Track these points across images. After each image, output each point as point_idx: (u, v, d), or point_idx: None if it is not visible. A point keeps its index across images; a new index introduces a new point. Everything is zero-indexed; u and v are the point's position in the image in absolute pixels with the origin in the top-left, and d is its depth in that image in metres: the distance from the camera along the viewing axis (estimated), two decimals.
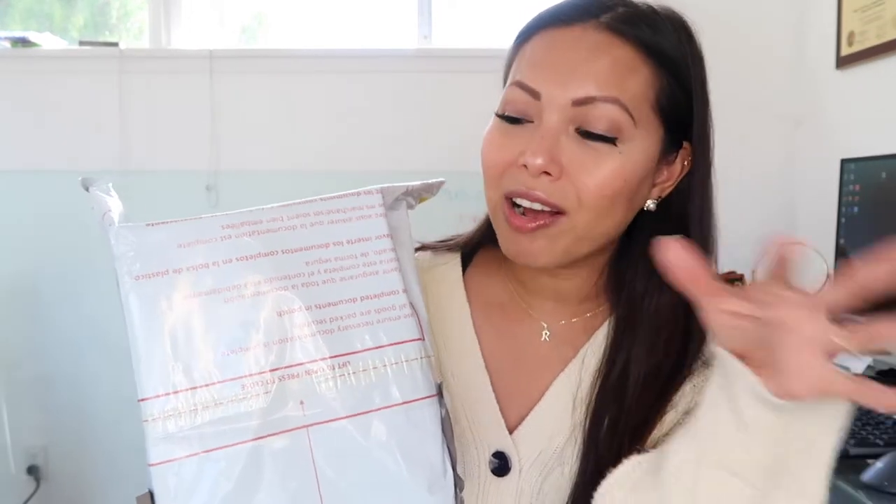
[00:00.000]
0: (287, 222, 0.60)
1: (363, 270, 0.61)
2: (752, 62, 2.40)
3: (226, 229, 0.59)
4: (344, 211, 0.62)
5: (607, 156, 0.67)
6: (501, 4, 2.62)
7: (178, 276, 0.57)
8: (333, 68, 2.49)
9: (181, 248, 0.58)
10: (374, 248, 0.61)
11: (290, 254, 0.59)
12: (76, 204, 2.47)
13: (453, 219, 1.49)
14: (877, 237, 1.65)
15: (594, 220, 0.68)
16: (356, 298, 0.60)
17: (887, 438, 1.25)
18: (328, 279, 0.60)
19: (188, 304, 0.57)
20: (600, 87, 0.66)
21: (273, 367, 0.57)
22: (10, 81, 2.49)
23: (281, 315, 0.58)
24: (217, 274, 0.58)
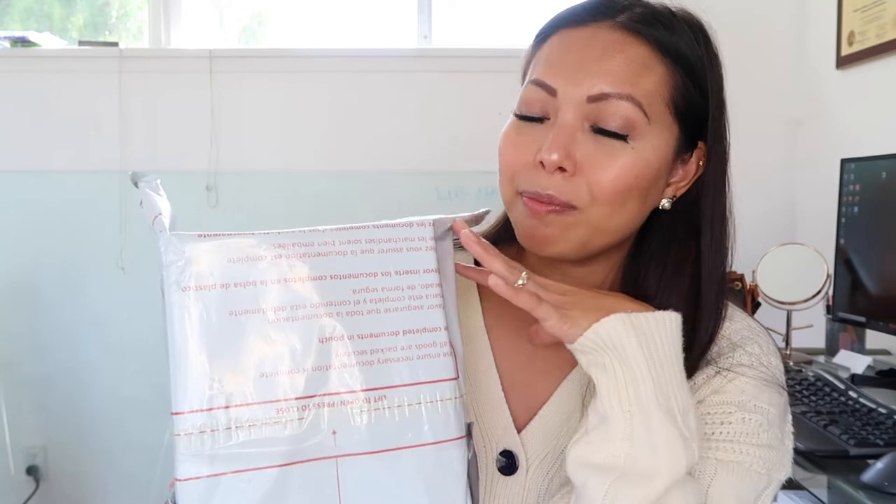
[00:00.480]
0: (338, 247, 0.60)
1: (408, 304, 0.61)
2: (752, 62, 2.40)
3: (277, 248, 0.58)
4: (395, 241, 0.62)
5: (620, 152, 0.68)
6: (501, 4, 2.62)
7: (225, 292, 0.57)
8: (333, 68, 2.49)
9: (231, 263, 0.57)
10: (421, 282, 0.61)
11: (337, 280, 0.59)
12: (76, 204, 2.49)
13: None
14: (877, 237, 1.66)
15: (608, 215, 0.69)
16: (398, 332, 0.60)
17: (887, 438, 1.25)
18: (373, 309, 0.59)
19: (232, 320, 0.56)
20: (614, 83, 0.67)
21: (310, 393, 0.57)
22: (10, 81, 2.49)
23: (323, 342, 0.58)
24: (264, 293, 0.57)
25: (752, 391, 0.70)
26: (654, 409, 0.61)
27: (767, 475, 0.70)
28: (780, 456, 0.71)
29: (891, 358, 1.86)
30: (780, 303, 1.90)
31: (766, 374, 0.72)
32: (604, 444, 0.62)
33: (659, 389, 0.62)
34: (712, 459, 0.68)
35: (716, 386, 0.71)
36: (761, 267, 1.92)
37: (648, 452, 0.61)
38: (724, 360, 0.72)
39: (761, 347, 0.74)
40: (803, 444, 1.24)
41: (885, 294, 1.64)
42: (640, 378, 0.62)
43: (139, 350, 2.33)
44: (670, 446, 0.61)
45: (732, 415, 0.69)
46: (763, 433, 0.69)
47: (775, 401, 0.72)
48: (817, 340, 1.99)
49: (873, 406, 1.40)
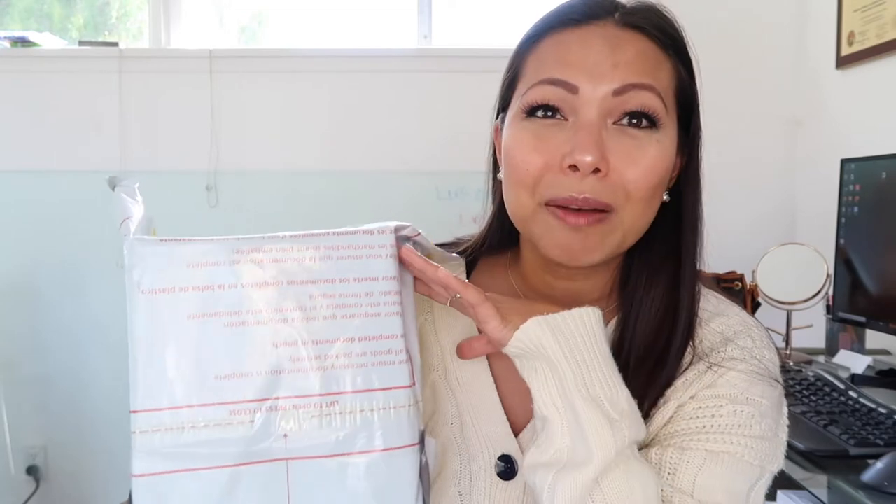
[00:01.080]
0: (296, 254, 0.60)
1: (365, 311, 0.61)
2: (752, 62, 2.40)
3: (236, 254, 0.59)
4: (356, 247, 0.62)
5: (648, 143, 0.68)
6: (501, 4, 2.62)
7: (184, 295, 0.58)
8: (333, 68, 2.49)
9: (190, 267, 0.58)
10: (380, 289, 0.62)
11: (295, 286, 0.60)
12: (76, 204, 2.49)
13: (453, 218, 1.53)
14: (877, 237, 1.66)
15: (640, 213, 0.69)
16: (354, 338, 0.60)
17: (887, 438, 1.25)
18: (329, 315, 0.60)
19: (189, 324, 0.58)
20: (637, 75, 0.67)
21: (262, 396, 0.58)
22: (9, 81, 2.49)
23: (277, 346, 0.59)
24: (221, 298, 0.58)
25: (743, 384, 0.71)
26: (577, 399, 0.63)
27: (760, 466, 0.69)
28: (774, 447, 0.71)
29: (891, 358, 1.86)
30: (780, 303, 1.90)
31: (758, 366, 0.72)
32: (549, 445, 0.64)
33: (580, 381, 0.63)
34: (701, 450, 0.68)
35: (708, 381, 0.71)
36: (761, 267, 1.92)
37: (580, 440, 0.62)
38: (716, 354, 0.72)
39: (754, 341, 0.74)
40: (803, 444, 1.24)
41: (885, 294, 1.64)
42: (563, 373, 0.63)
43: None
44: (598, 431, 0.62)
45: (724, 407, 0.69)
46: (755, 425, 0.69)
47: (768, 393, 0.72)
48: (817, 340, 1.99)
49: (873, 406, 1.40)
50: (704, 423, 0.69)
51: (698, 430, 0.69)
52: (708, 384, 0.71)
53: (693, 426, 0.69)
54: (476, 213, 0.88)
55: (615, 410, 0.63)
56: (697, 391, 0.71)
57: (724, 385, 0.70)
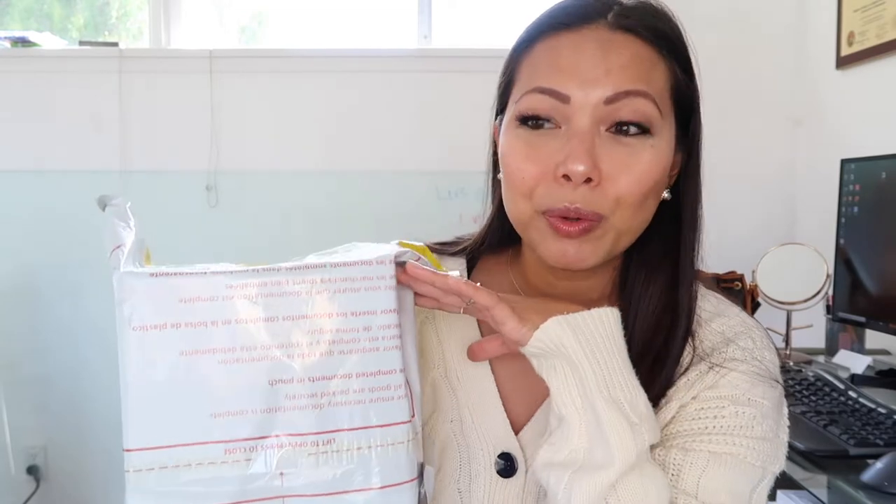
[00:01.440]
0: (292, 287, 0.58)
1: (364, 346, 0.60)
2: (752, 62, 2.40)
3: (230, 289, 0.57)
4: (353, 280, 0.60)
5: (641, 150, 0.67)
6: (501, 4, 2.62)
7: (176, 332, 0.57)
8: (333, 68, 2.49)
9: (182, 303, 0.57)
10: (379, 323, 0.60)
11: (290, 321, 0.58)
12: (76, 204, 2.49)
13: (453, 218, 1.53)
14: (877, 237, 1.66)
15: (630, 216, 0.69)
16: (352, 374, 0.59)
17: (887, 438, 1.25)
18: (327, 351, 0.59)
19: (182, 360, 0.57)
20: (630, 81, 0.66)
21: (258, 434, 0.57)
22: (10, 81, 2.49)
23: (273, 384, 0.58)
24: (215, 334, 0.57)
25: (745, 385, 0.71)
26: (599, 401, 0.63)
27: (762, 467, 0.70)
28: (775, 448, 0.71)
29: (891, 358, 1.86)
30: (780, 303, 1.90)
31: (759, 367, 0.72)
32: (564, 444, 0.64)
33: (602, 382, 0.63)
34: (704, 451, 0.68)
35: (709, 381, 0.71)
36: (761, 267, 1.92)
37: (600, 442, 0.63)
38: (717, 355, 0.72)
39: (754, 342, 0.74)
40: (803, 444, 1.24)
41: (885, 294, 1.64)
42: (584, 374, 0.63)
43: None
44: (619, 434, 0.62)
45: (726, 408, 0.70)
46: (757, 426, 0.70)
47: (769, 394, 0.72)
48: (817, 340, 1.99)
49: (873, 406, 1.40)
50: (707, 424, 0.69)
51: (701, 432, 0.69)
52: (710, 385, 0.71)
53: (696, 427, 0.69)
54: (476, 213, 0.88)
55: (635, 414, 0.63)
56: (699, 391, 0.71)
57: (725, 386, 0.71)
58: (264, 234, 2.48)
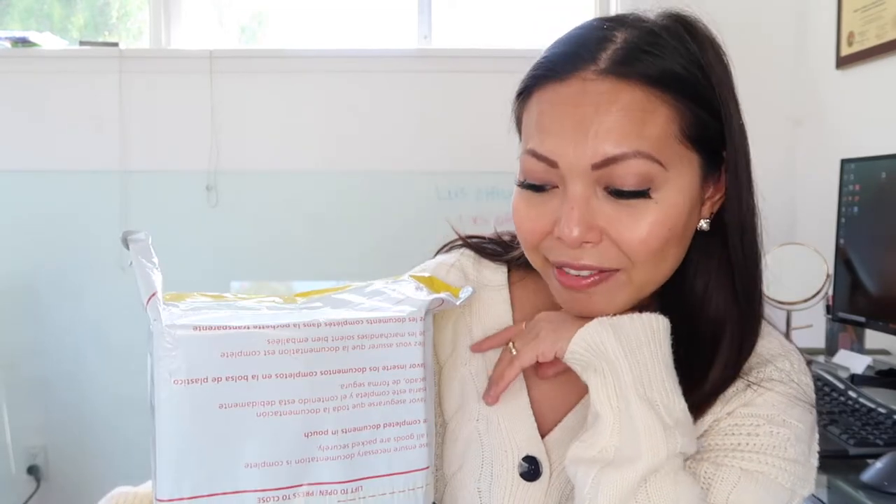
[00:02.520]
0: (331, 343, 0.61)
1: (391, 398, 0.63)
2: (752, 62, 2.39)
3: (271, 344, 0.59)
4: (386, 336, 0.63)
5: (644, 209, 0.64)
6: (501, 4, 2.62)
7: (217, 386, 0.58)
8: (333, 68, 2.49)
9: (224, 357, 0.58)
10: (406, 377, 0.64)
11: (328, 375, 0.61)
12: (76, 204, 2.49)
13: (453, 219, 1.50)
14: (877, 237, 1.66)
15: (652, 268, 0.67)
16: (380, 425, 0.62)
17: (887, 438, 1.25)
18: (358, 404, 0.62)
19: (221, 413, 0.58)
20: (618, 143, 0.62)
21: (291, 484, 0.59)
22: (10, 81, 2.49)
23: (308, 436, 0.60)
24: (255, 388, 0.58)
25: (782, 406, 0.70)
26: (633, 398, 0.64)
27: (791, 490, 0.69)
28: (806, 472, 0.71)
29: (891, 358, 1.86)
30: (780, 303, 1.90)
31: (797, 390, 0.71)
32: (596, 441, 0.65)
33: (638, 381, 0.64)
34: (737, 468, 0.68)
35: (746, 399, 0.70)
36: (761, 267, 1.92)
37: (630, 439, 0.63)
38: (756, 374, 0.71)
39: (793, 365, 0.73)
40: None
41: (885, 294, 1.64)
42: (622, 372, 0.65)
43: (139, 350, 2.32)
44: (650, 432, 0.63)
45: (761, 427, 0.69)
46: (790, 448, 0.69)
47: (804, 418, 0.71)
48: (817, 340, 1.99)
49: (873, 406, 1.40)
50: (741, 440, 0.69)
51: (734, 448, 0.69)
52: (746, 402, 0.70)
53: (729, 443, 0.69)
54: (476, 214, 0.88)
55: (670, 417, 0.64)
56: (735, 408, 0.70)
57: (762, 405, 0.70)
58: (264, 234, 2.48)
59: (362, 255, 2.45)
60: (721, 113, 0.68)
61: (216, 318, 0.59)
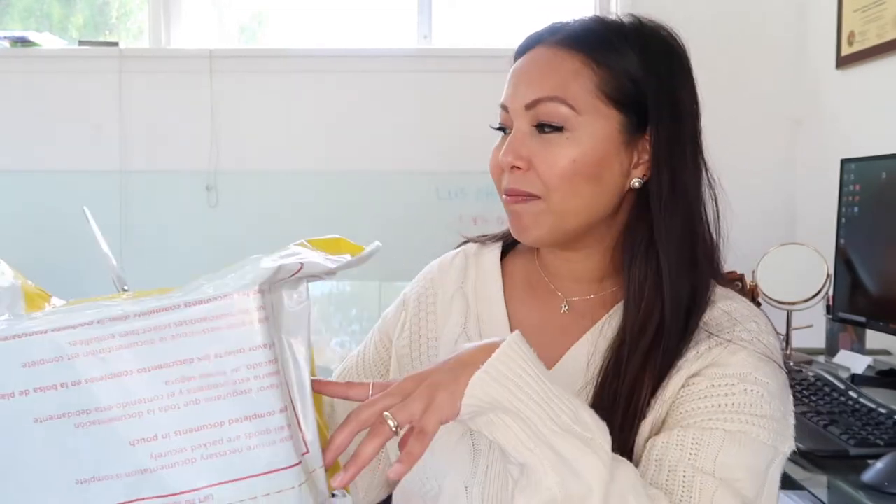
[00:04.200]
0: (144, 336, 0.53)
1: (232, 389, 0.54)
2: (752, 62, 2.40)
3: (74, 346, 0.53)
4: (212, 319, 0.54)
5: (556, 143, 0.78)
6: (501, 4, 2.62)
7: (26, 399, 0.53)
8: (333, 68, 2.49)
9: (27, 367, 0.53)
10: (248, 362, 0.55)
11: (145, 373, 0.53)
12: (76, 204, 2.48)
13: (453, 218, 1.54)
14: (877, 237, 1.66)
15: (564, 198, 0.78)
16: (223, 422, 0.54)
17: (887, 438, 1.25)
18: (191, 401, 0.54)
19: (38, 428, 0.53)
20: (543, 90, 0.79)
21: (129, 498, 0.54)
22: (10, 81, 2.49)
23: (134, 444, 0.53)
24: (67, 397, 0.53)
25: (752, 364, 0.75)
26: (550, 436, 0.64)
27: (773, 447, 0.73)
28: (784, 428, 0.75)
29: (891, 358, 1.86)
30: (780, 303, 1.90)
31: (764, 350, 0.77)
32: (538, 487, 0.65)
33: (545, 415, 0.65)
34: (720, 430, 0.72)
35: (713, 359, 0.76)
36: (761, 267, 1.92)
37: (570, 474, 0.64)
38: (726, 333, 0.77)
39: (759, 326, 0.79)
40: (803, 444, 1.24)
41: (885, 294, 1.64)
42: (526, 418, 0.64)
43: None
44: (584, 458, 0.64)
45: (735, 386, 0.74)
46: (765, 404, 0.74)
47: (773, 375, 0.76)
48: (817, 340, 1.99)
49: (873, 406, 1.40)
50: (719, 401, 0.73)
51: (715, 410, 0.73)
52: (715, 362, 0.75)
53: (709, 405, 0.73)
54: (476, 213, 0.91)
55: (584, 428, 0.65)
56: (702, 368, 0.75)
57: (734, 364, 0.75)
58: (264, 234, 2.48)
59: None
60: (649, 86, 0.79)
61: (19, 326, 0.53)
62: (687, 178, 0.81)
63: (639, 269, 0.80)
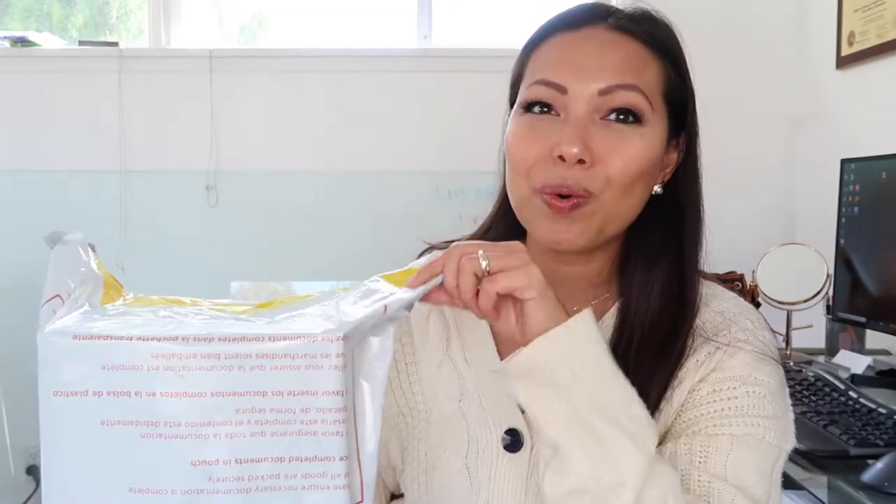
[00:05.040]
0: (224, 361, 0.54)
1: (299, 428, 0.55)
2: (752, 62, 2.39)
3: (154, 358, 0.53)
4: (293, 356, 0.55)
5: (631, 137, 0.73)
6: (501, 4, 2.62)
7: (99, 401, 0.53)
8: (333, 68, 2.49)
9: (105, 370, 0.53)
10: (318, 405, 0.55)
11: (219, 397, 0.54)
12: (76, 204, 2.48)
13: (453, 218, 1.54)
14: (877, 237, 1.66)
15: (618, 199, 0.73)
16: (284, 458, 0.55)
17: (887, 438, 1.25)
18: (257, 432, 0.54)
19: (103, 431, 0.54)
20: (621, 76, 0.72)
21: None
22: (10, 81, 2.49)
23: (196, 465, 0.54)
24: (138, 406, 0.53)
25: (752, 365, 0.74)
26: (596, 421, 0.63)
27: (778, 446, 0.73)
28: (786, 426, 0.74)
29: (891, 358, 1.86)
30: (780, 303, 1.90)
31: (761, 348, 0.75)
32: (568, 470, 0.63)
33: (595, 402, 0.63)
34: (727, 435, 0.71)
35: (715, 363, 0.74)
36: (761, 267, 1.92)
37: (608, 466, 0.62)
38: (723, 336, 0.75)
39: (753, 323, 0.77)
40: (803, 444, 1.24)
41: (885, 294, 1.64)
42: (574, 397, 0.63)
43: None
44: (625, 451, 0.62)
45: (737, 389, 0.73)
46: (768, 405, 0.73)
47: (773, 373, 0.75)
48: (817, 340, 1.99)
49: (873, 406, 1.40)
50: (723, 406, 0.72)
51: (721, 415, 0.72)
52: (716, 367, 0.74)
53: (714, 410, 0.72)
54: (476, 214, 0.89)
55: (632, 422, 0.64)
56: (706, 374, 0.73)
57: (734, 367, 0.73)
58: (264, 234, 2.48)
59: (362, 255, 2.45)
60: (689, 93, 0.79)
61: (102, 327, 0.54)
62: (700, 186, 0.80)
63: (645, 277, 0.77)
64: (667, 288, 0.76)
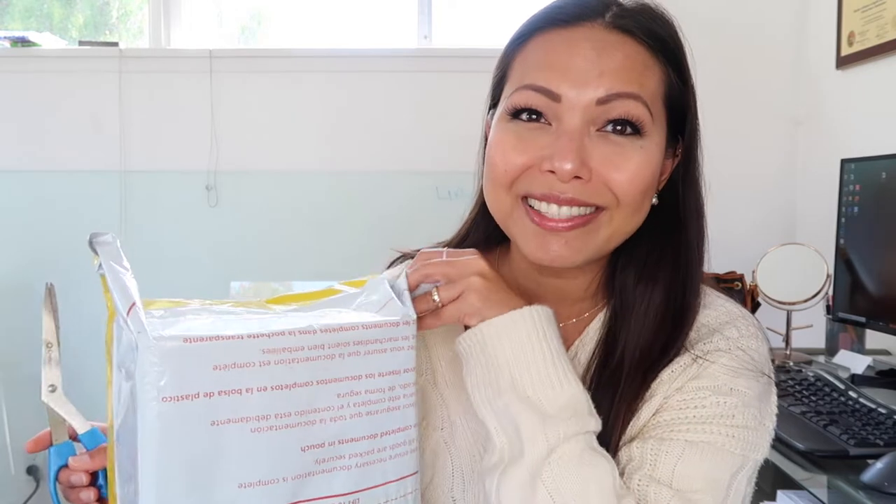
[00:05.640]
0: (327, 351, 0.58)
1: (387, 405, 0.61)
2: (752, 62, 2.40)
3: (266, 354, 0.55)
4: (381, 342, 0.61)
5: (631, 150, 0.67)
6: (501, 4, 2.62)
7: (209, 401, 0.53)
8: (333, 68, 2.49)
9: (216, 370, 0.54)
10: (400, 382, 0.62)
11: (324, 385, 0.58)
12: (76, 204, 2.48)
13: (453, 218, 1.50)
14: (877, 237, 1.66)
15: (629, 216, 0.69)
16: (376, 434, 0.60)
17: (887, 438, 1.25)
18: (356, 413, 0.59)
19: (213, 431, 0.54)
20: (622, 83, 0.66)
21: (288, 501, 0.57)
22: (9, 81, 2.49)
23: (305, 450, 0.57)
24: (249, 402, 0.55)
25: (727, 376, 0.70)
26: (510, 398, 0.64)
27: (742, 455, 0.69)
28: (758, 436, 0.70)
29: (891, 358, 1.86)
30: (780, 303, 1.90)
31: (742, 357, 0.71)
32: (493, 448, 0.65)
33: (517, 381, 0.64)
34: (681, 440, 0.68)
35: (693, 372, 0.70)
36: (761, 267, 1.92)
37: (513, 436, 0.63)
38: (702, 346, 0.71)
39: (739, 331, 0.73)
40: (803, 444, 1.24)
41: (885, 294, 1.64)
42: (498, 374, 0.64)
43: None
44: (528, 425, 0.63)
45: (707, 399, 0.69)
46: (738, 414, 0.69)
47: (752, 384, 0.71)
48: (817, 340, 1.99)
49: (873, 406, 1.40)
50: (686, 413, 0.69)
51: (680, 421, 0.69)
52: (693, 376, 0.70)
53: (674, 417, 0.69)
54: None
55: (552, 406, 0.63)
56: (684, 383, 0.70)
57: (708, 377, 0.70)
58: (264, 234, 2.48)
59: (362, 254, 2.45)
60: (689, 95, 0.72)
61: (205, 327, 0.54)
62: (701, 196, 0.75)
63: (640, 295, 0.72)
64: (664, 309, 0.72)
